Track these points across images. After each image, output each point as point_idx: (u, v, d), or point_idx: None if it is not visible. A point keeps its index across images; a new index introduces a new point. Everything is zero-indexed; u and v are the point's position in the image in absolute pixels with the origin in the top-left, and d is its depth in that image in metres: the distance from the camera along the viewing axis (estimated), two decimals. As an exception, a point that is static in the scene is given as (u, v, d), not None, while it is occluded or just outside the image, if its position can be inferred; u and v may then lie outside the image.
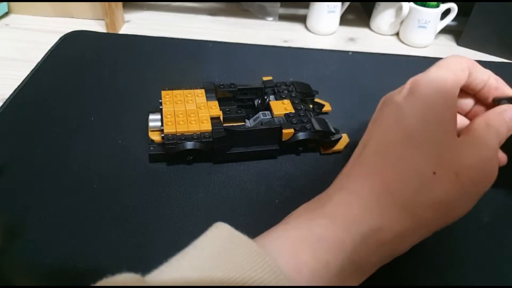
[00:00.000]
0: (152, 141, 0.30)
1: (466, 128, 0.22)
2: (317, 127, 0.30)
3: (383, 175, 0.19)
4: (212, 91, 0.32)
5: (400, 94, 0.22)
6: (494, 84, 0.24)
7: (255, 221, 0.26)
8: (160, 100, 0.31)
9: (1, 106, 0.34)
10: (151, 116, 0.30)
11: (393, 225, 0.18)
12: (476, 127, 0.21)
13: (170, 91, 0.32)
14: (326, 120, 0.31)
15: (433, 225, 0.19)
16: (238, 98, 0.33)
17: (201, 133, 0.29)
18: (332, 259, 0.17)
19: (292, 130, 0.29)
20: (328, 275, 0.17)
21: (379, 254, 0.19)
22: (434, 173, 0.19)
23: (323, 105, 0.35)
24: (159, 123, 0.30)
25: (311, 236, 0.18)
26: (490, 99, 0.24)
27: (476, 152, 0.20)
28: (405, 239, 0.19)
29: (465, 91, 0.24)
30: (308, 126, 0.30)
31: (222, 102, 0.32)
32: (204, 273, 0.16)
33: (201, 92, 0.32)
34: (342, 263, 0.18)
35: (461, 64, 0.22)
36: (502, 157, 0.23)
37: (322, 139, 0.30)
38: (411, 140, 0.20)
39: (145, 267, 0.23)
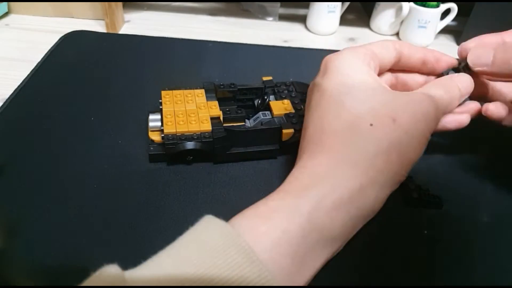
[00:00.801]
0: (152, 141, 0.30)
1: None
2: None
3: (326, 144, 0.20)
4: (212, 91, 0.32)
5: (318, 76, 0.23)
6: (432, 59, 0.25)
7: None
8: (160, 100, 0.31)
9: (1, 106, 0.34)
10: (151, 116, 0.30)
11: (346, 181, 0.19)
12: (428, 84, 0.23)
13: (170, 91, 0.32)
14: None
15: (391, 172, 0.20)
16: (238, 98, 0.33)
17: (201, 133, 0.29)
18: (289, 226, 0.18)
19: (292, 130, 0.29)
20: (289, 243, 0.17)
21: (342, 216, 0.19)
22: (371, 124, 0.20)
23: None
24: (159, 123, 0.30)
25: (267, 210, 0.19)
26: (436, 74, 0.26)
27: (409, 97, 0.21)
28: (366, 194, 0.19)
29: (412, 71, 0.26)
30: None
31: (222, 102, 0.32)
32: (180, 260, 0.17)
33: (201, 92, 0.32)
34: (302, 230, 0.18)
35: (383, 44, 0.24)
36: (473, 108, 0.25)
37: None
38: (340, 106, 0.21)
39: (145, 267, 0.23)
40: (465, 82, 0.24)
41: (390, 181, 0.20)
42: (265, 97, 0.32)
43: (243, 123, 0.32)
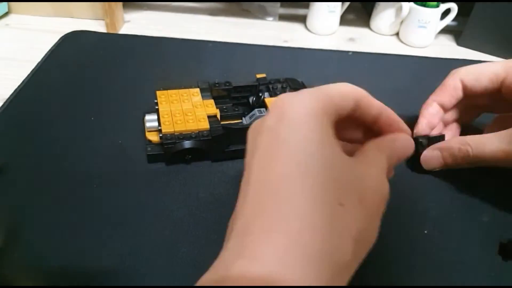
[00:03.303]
0: (150, 141, 0.30)
1: (359, 150, 0.20)
2: None
3: (283, 226, 0.15)
4: (207, 90, 0.32)
5: (270, 118, 0.19)
6: (384, 122, 0.21)
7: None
8: (156, 100, 0.31)
9: (1, 106, 0.34)
10: (148, 117, 0.30)
11: (309, 280, 0.15)
12: (369, 150, 0.20)
13: (165, 91, 0.32)
14: None
15: (354, 263, 0.17)
16: (233, 96, 0.33)
17: (199, 131, 0.29)
18: None
19: None
20: None
21: None
22: (341, 204, 0.16)
23: None
24: (156, 123, 0.30)
25: None
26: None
27: (372, 174, 0.18)
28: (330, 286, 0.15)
29: (358, 123, 0.22)
30: None
31: (217, 101, 0.32)
32: None
33: (196, 91, 0.32)
34: None
35: (342, 91, 0.20)
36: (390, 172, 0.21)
37: None
38: (304, 169, 0.16)
39: (145, 267, 0.23)
40: (408, 149, 0.21)
41: (349, 273, 0.17)
42: (260, 94, 0.33)
43: (240, 121, 0.32)
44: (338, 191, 0.16)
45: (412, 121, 0.26)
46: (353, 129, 0.23)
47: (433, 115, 0.30)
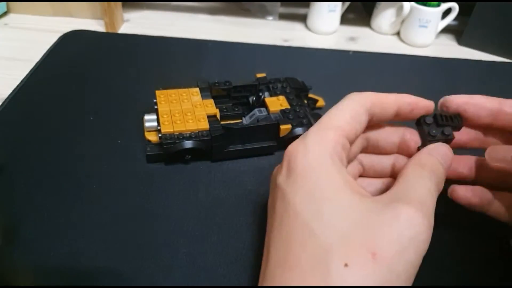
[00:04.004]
0: (149, 141, 0.30)
1: (398, 180, 0.18)
2: (313, 122, 0.30)
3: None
4: (207, 90, 0.32)
5: (281, 173, 0.18)
6: (407, 109, 0.21)
7: (255, 221, 0.26)
8: (155, 100, 0.31)
9: (1, 106, 0.34)
10: (147, 117, 0.30)
11: None
12: (409, 175, 0.18)
13: (165, 91, 0.32)
14: (322, 115, 0.31)
15: None
16: (232, 96, 0.33)
17: (199, 131, 0.29)
18: None
19: (289, 126, 0.29)
20: None
21: None
22: (346, 265, 0.15)
23: (316, 100, 0.35)
24: (155, 123, 0.30)
25: None
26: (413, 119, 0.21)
27: (391, 217, 0.16)
28: None
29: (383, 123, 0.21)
30: (305, 121, 0.30)
31: (217, 100, 0.32)
32: None
33: (196, 91, 0.32)
34: None
35: (355, 113, 0.19)
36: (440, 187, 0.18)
37: None
38: (307, 232, 0.16)
39: (145, 267, 0.23)
40: (445, 155, 0.20)
41: None
42: (260, 94, 0.33)
43: (240, 121, 0.32)
44: (343, 250, 0.15)
45: (411, 121, 0.25)
46: (386, 134, 0.22)
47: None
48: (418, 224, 0.16)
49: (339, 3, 0.65)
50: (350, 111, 0.19)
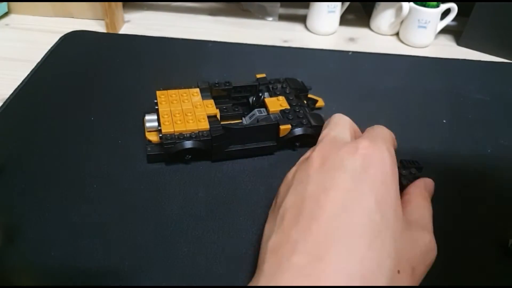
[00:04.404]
0: (150, 141, 0.30)
1: (406, 201, 0.21)
2: (313, 122, 0.30)
3: (349, 281, 0.15)
4: (207, 90, 0.32)
5: (353, 159, 0.19)
6: None
7: (255, 221, 0.26)
8: (155, 100, 0.31)
9: (1, 106, 0.34)
10: (147, 117, 0.30)
11: None
12: (416, 201, 0.21)
13: (165, 91, 0.32)
14: (322, 115, 0.31)
15: None
16: (232, 96, 0.33)
17: (199, 131, 0.29)
18: None
19: (289, 126, 0.30)
20: None
21: None
22: (399, 271, 0.17)
23: (316, 101, 0.35)
24: (156, 123, 0.30)
25: None
26: None
27: (424, 242, 0.19)
28: None
29: None
30: (304, 121, 0.30)
31: (217, 101, 0.32)
32: None
33: (196, 91, 0.32)
34: None
35: (393, 141, 0.22)
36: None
37: (319, 134, 0.30)
38: (376, 232, 0.17)
39: (145, 267, 0.23)
40: (432, 189, 0.23)
41: None
42: (260, 94, 0.33)
43: (240, 121, 0.32)
44: (399, 258, 0.17)
45: (411, 121, 0.25)
46: None
47: None
48: (435, 249, 0.20)
49: (339, 4, 0.65)
50: (392, 137, 0.22)
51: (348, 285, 0.15)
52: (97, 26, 0.62)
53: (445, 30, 0.66)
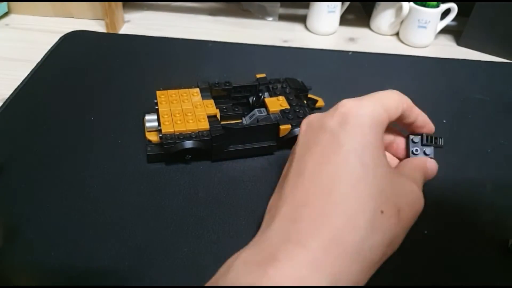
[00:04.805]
0: (150, 141, 0.30)
1: (398, 166, 0.23)
2: None
3: (331, 220, 0.17)
4: (207, 90, 0.32)
5: (333, 119, 0.20)
6: (421, 123, 0.24)
7: (255, 221, 0.26)
8: (156, 100, 0.31)
9: (1, 106, 0.34)
10: (147, 117, 0.30)
11: (346, 279, 0.17)
12: (408, 167, 0.23)
13: (165, 91, 0.32)
14: None
15: (380, 262, 0.19)
16: (232, 96, 0.33)
17: (199, 131, 0.29)
18: None
19: (289, 126, 0.30)
20: None
21: None
22: (382, 211, 0.18)
23: (316, 101, 0.35)
24: (156, 123, 0.30)
25: None
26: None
27: (412, 192, 0.20)
28: (356, 285, 0.17)
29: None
30: None
31: (217, 101, 0.32)
32: None
33: (196, 91, 0.32)
34: None
35: (396, 102, 0.22)
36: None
37: None
38: (356, 176, 0.18)
39: (145, 267, 0.23)
40: (434, 171, 0.24)
41: (374, 271, 0.18)
42: (260, 94, 0.33)
43: (240, 121, 0.32)
44: (382, 200, 0.18)
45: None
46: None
47: None
48: (421, 203, 0.21)
49: (339, 4, 0.65)
50: (394, 100, 0.22)
51: (329, 225, 0.17)
52: (97, 26, 0.62)
53: (445, 30, 0.66)
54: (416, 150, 0.25)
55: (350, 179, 0.18)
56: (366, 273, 0.18)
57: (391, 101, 0.22)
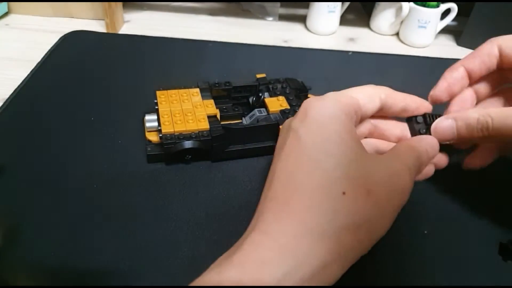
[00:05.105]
0: (150, 141, 0.30)
1: (391, 148, 0.22)
2: None
3: (293, 206, 0.18)
4: (207, 90, 0.32)
5: (296, 119, 0.21)
6: (413, 107, 0.24)
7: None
8: (155, 100, 0.31)
9: (1, 106, 0.34)
10: (147, 117, 0.30)
11: (312, 259, 0.17)
12: (399, 147, 0.22)
13: (165, 91, 0.32)
14: None
15: (358, 248, 0.18)
16: (233, 96, 0.33)
17: (199, 131, 0.29)
18: None
19: None
20: None
21: None
22: (344, 193, 0.18)
23: None
24: (156, 123, 0.30)
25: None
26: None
27: (388, 166, 0.20)
28: (328, 271, 0.17)
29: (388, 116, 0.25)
30: None
31: (217, 101, 0.32)
32: None
33: (196, 91, 0.32)
34: None
35: (369, 93, 0.22)
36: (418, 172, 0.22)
37: None
38: (314, 163, 0.19)
39: (145, 267, 0.23)
40: (433, 146, 0.23)
41: (354, 257, 0.18)
42: (260, 94, 0.33)
43: (240, 121, 0.32)
44: (344, 181, 0.18)
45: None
46: (391, 126, 0.26)
47: (456, 80, 0.26)
48: (406, 180, 0.20)
49: (339, 4, 0.65)
50: (366, 91, 0.23)
51: (290, 211, 0.18)
52: (97, 26, 0.62)
53: (445, 30, 0.66)
54: (422, 130, 0.24)
55: (307, 168, 0.19)
56: (336, 256, 0.17)
57: (362, 92, 0.22)
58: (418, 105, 0.24)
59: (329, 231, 0.17)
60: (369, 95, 0.22)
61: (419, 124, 0.24)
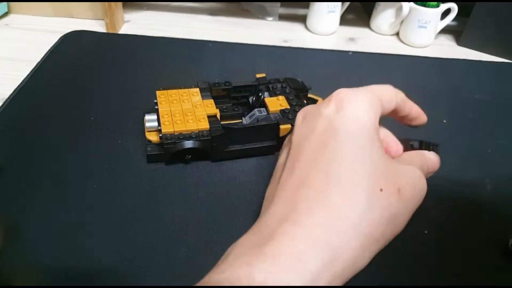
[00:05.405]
0: (149, 141, 0.30)
1: (397, 157, 0.23)
2: None
3: (328, 198, 0.18)
4: (207, 90, 0.32)
5: (329, 107, 0.21)
6: (415, 115, 0.25)
7: (255, 221, 0.26)
8: (155, 100, 0.31)
9: (1, 106, 0.34)
10: (147, 117, 0.30)
11: (344, 252, 0.17)
12: (405, 156, 0.23)
13: (165, 91, 0.32)
14: None
15: (382, 241, 0.19)
16: (232, 96, 0.33)
17: (199, 131, 0.29)
18: None
19: (289, 126, 0.30)
20: None
21: (334, 285, 0.17)
22: (381, 189, 0.18)
23: (316, 100, 0.35)
24: (155, 123, 0.30)
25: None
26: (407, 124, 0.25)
27: (411, 172, 0.21)
28: (358, 263, 0.18)
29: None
30: None
31: (217, 100, 0.32)
32: None
33: (196, 91, 0.32)
34: None
35: (390, 95, 0.23)
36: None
37: None
38: (353, 157, 0.19)
39: (145, 267, 0.23)
40: (434, 164, 0.24)
41: (376, 251, 0.19)
42: (260, 94, 0.33)
43: (240, 121, 0.32)
44: (380, 179, 0.19)
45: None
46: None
47: None
48: (424, 183, 0.21)
49: (339, 4, 0.65)
50: (388, 92, 0.23)
51: (326, 203, 0.18)
52: (97, 26, 0.62)
53: (445, 30, 0.66)
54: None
55: (346, 160, 0.19)
56: (367, 250, 0.18)
57: (385, 93, 0.23)
58: (418, 115, 0.25)
59: (363, 225, 0.18)
60: (389, 96, 0.23)
61: (415, 149, 0.25)
